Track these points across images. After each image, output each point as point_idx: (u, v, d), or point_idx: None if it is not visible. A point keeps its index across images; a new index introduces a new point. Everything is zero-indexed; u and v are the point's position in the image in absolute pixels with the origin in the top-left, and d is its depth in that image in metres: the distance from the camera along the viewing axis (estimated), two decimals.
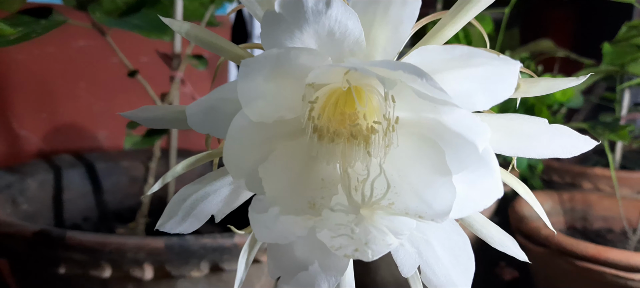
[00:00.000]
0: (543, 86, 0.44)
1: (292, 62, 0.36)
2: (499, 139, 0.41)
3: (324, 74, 0.38)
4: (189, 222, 0.43)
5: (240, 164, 0.38)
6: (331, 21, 0.36)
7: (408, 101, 0.39)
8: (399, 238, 0.37)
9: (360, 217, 0.37)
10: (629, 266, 1.11)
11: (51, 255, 0.92)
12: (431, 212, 0.37)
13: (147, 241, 0.90)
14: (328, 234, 0.37)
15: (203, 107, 0.37)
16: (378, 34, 0.40)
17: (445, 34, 0.45)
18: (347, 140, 0.40)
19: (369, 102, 0.42)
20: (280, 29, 0.36)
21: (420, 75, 0.32)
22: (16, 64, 1.46)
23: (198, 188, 0.43)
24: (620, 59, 1.30)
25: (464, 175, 0.37)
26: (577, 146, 0.40)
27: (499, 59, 0.34)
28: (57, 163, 1.39)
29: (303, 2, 0.34)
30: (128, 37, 1.24)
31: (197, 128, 0.38)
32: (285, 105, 0.40)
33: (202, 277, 0.96)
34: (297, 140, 0.42)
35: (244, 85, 0.35)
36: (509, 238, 0.46)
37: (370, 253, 0.36)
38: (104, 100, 1.61)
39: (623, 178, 1.55)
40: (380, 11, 0.38)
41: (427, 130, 0.39)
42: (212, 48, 0.43)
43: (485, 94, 0.36)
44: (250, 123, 0.37)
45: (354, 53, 0.39)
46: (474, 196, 0.37)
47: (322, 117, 0.41)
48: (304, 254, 0.40)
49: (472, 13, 0.44)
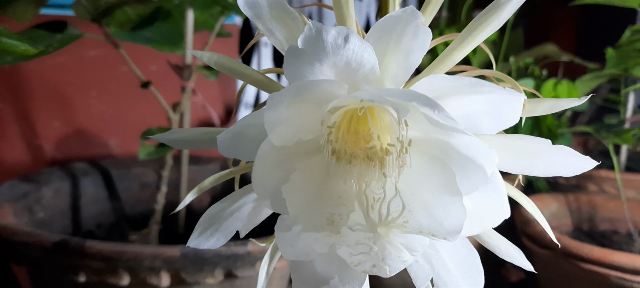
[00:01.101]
0: (546, 106, 0.46)
1: (312, 92, 0.39)
2: (505, 158, 0.44)
3: (341, 102, 0.41)
4: (216, 238, 0.46)
5: (266, 185, 0.40)
6: (348, 53, 0.38)
7: (418, 122, 0.41)
8: (414, 255, 0.40)
9: (377, 235, 0.39)
10: (634, 269, 1.13)
11: (70, 264, 0.95)
12: (443, 230, 0.39)
13: (164, 249, 0.93)
14: (347, 251, 0.40)
15: (231, 135, 0.40)
16: (390, 61, 0.42)
17: (454, 58, 0.47)
18: (363, 161, 0.43)
19: (381, 120, 0.45)
20: (302, 61, 0.38)
21: (433, 108, 0.35)
22: (29, 74, 1.49)
23: (226, 206, 0.46)
24: (623, 63, 1.32)
25: (473, 195, 0.39)
26: (578, 165, 0.42)
27: (505, 90, 0.37)
28: (71, 171, 1.42)
29: (323, 37, 0.37)
30: (138, 46, 1.27)
31: (225, 153, 0.40)
32: (304, 128, 0.42)
33: (217, 284, 0.99)
34: (314, 158, 0.44)
35: (270, 115, 0.38)
36: (515, 250, 0.49)
37: (388, 270, 0.39)
38: (115, 108, 1.64)
39: (628, 180, 1.57)
40: (394, 41, 0.40)
41: (437, 150, 0.41)
42: (234, 74, 0.46)
43: (492, 120, 0.38)
44: (273, 147, 0.40)
45: (368, 80, 0.41)
46: (482, 215, 0.40)
47: (338, 139, 0.43)
48: (325, 269, 0.43)
49: (479, 38, 0.46)
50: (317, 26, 0.36)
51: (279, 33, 0.42)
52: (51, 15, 1.44)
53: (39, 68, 1.50)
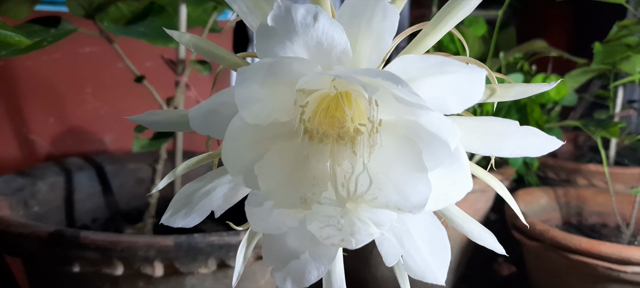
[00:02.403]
0: (517, 91, 0.48)
1: (284, 70, 0.40)
2: (474, 139, 0.45)
3: (312, 81, 0.42)
4: (191, 217, 0.48)
5: (238, 162, 0.42)
6: (319, 33, 0.40)
7: (390, 105, 0.43)
8: (381, 229, 0.41)
9: (346, 210, 0.41)
10: (620, 259, 1.15)
11: (65, 254, 0.96)
12: (409, 204, 0.41)
13: (157, 239, 0.94)
14: (317, 225, 0.41)
15: (204, 111, 0.41)
16: (363, 44, 0.44)
17: (426, 42, 0.48)
18: (335, 141, 0.44)
19: (356, 106, 0.46)
20: (273, 40, 0.40)
21: (396, 82, 0.36)
22: (25, 71, 1.50)
23: (200, 186, 0.48)
24: (611, 58, 1.33)
25: (439, 171, 0.41)
26: (545, 145, 0.44)
27: (468, 67, 0.38)
28: (66, 166, 1.43)
29: (292, 15, 0.38)
30: (133, 43, 1.29)
31: (198, 130, 0.42)
32: (278, 109, 0.44)
33: (210, 273, 1.00)
34: (290, 141, 0.46)
35: (240, 91, 0.39)
36: (487, 233, 0.50)
37: (354, 242, 0.41)
38: (110, 104, 1.66)
39: (617, 174, 1.58)
40: (364, 24, 0.42)
41: (407, 131, 0.43)
42: (212, 56, 0.48)
43: (457, 98, 0.40)
44: (246, 125, 0.41)
45: (342, 62, 0.43)
46: (447, 190, 0.41)
47: (313, 119, 0.45)
48: (296, 244, 0.44)
49: (450, 24, 0.47)
50: (286, 4, 0.38)
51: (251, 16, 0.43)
52: (45, 11, 1.46)
53: (33, 65, 1.51)
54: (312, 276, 0.45)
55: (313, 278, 0.45)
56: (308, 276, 0.45)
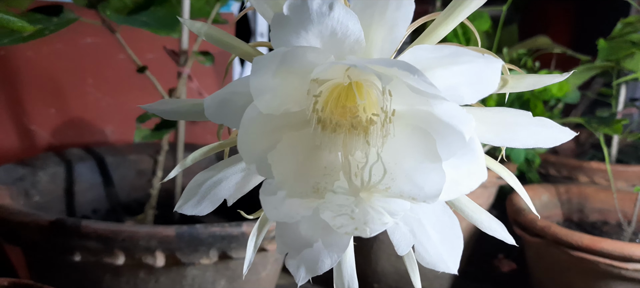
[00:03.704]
0: (529, 82, 0.48)
1: (298, 60, 0.40)
2: (487, 130, 0.45)
3: (326, 71, 0.42)
4: (203, 205, 0.48)
5: (252, 151, 0.42)
6: (334, 22, 0.40)
7: (403, 95, 0.43)
8: (394, 218, 0.41)
9: (359, 199, 0.41)
10: (621, 256, 1.15)
11: (66, 244, 0.96)
12: (423, 194, 0.41)
13: (159, 229, 0.94)
14: (330, 214, 0.41)
15: (218, 100, 0.41)
16: (376, 34, 0.43)
17: (439, 33, 0.48)
18: (348, 130, 0.44)
19: (368, 96, 0.46)
20: (288, 29, 0.40)
21: (413, 72, 0.36)
22: (26, 61, 1.50)
23: (213, 174, 0.48)
24: (614, 55, 1.33)
25: (453, 161, 0.41)
26: (557, 137, 0.44)
27: (483, 57, 0.38)
28: (67, 156, 1.43)
29: (308, 4, 0.38)
30: (135, 34, 1.28)
31: (213, 118, 0.42)
32: (291, 99, 0.44)
33: (211, 264, 1.00)
34: (302, 131, 0.46)
35: (255, 80, 0.39)
36: (497, 223, 0.50)
37: (369, 231, 0.41)
38: (111, 95, 1.65)
39: (618, 171, 1.59)
40: (378, 13, 0.42)
41: (420, 121, 0.43)
42: (224, 46, 0.47)
43: (471, 89, 0.40)
44: (260, 114, 0.41)
45: (355, 51, 0.43)
46: (461, 180, 0.41)
47: (325, 109, 0.45)
48: (309, 232, 0.44)
49: (463, 14, 0.47)
50: None
51: (266, 4, 0.43)
52: (49, 2, 1.45)
53: (35, 55, 1.50)
54: (325, 264, 0.45)
55: (326, 266, 0.45)
56: (321, 264, 0.45)
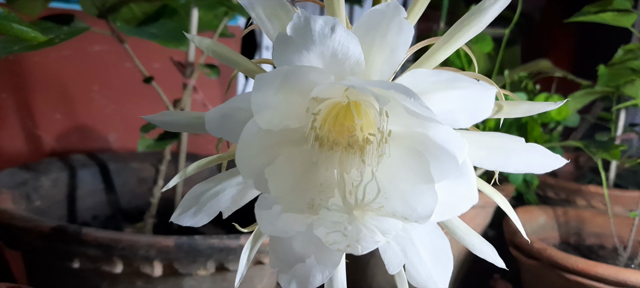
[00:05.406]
0: (523, 108, 0.49)
1: (300, 78, 0.42)
2: (480, 154, 0.46)
3: (326, 90, 0.43)
4: (200, 217, 0.49)
5: (250, 165, 0.43)
6: (335, 44, 0.41)
7: (400, 117, 0.44)
8: (386, 236, 0.42)
9: (353, 217, 0.42)
10: (616, 281, 1.15)
11: (66, 250, 0.97)
12: (416, 214, 0.42)
13: (158, 239, 0.95)
14: (324, 231, 0.43)
15: (219, 115, 0.42)
16: (376, 57, 0.45)
17: (438, 57, 0.50)
18: (345, 149, 0.46)
19: (366, 116, 0.48)
20: (291, 49, 0.41)
21: (409, 95, 0.37)
22: (33, 66, 1.52)
23: (210, 187, 0.49)
24: (615, 81, 1.34)
25: (445, 183, 0.42)
26: (549, 163, 0.45)
27: (479, 84, 0.39)
28: (70, 162, 1.44)
29: (311, 26, 0.40)
30: (142, 44, 1.30)
31: (213, 132, 0.43)
32: (291, 116, 0.45)
33: (208, 275, 1.01)
34: (300, 147, 0.47)
35: (257, 97, 0.40)
36: (488, 246, 0.51)
37: (361, 249, 0.42)
38: (116, 103, 1.67)
39: (616, 196, 1.59)
40: (379, 37, 0.43)
41: (415, 143, 0.44)
42: (228, 62, 0.49)
43: (466, 114, 0.41)
44: (259, 130, 0.42)
45: (355, 72, 0.44)
46: (453, 202, 0.42)
47: (323, 127, 0.46)
48: (302, 248, 0.45)
49: (462, 40, 0.49)
50: (305, 15, 0.39)
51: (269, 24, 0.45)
52: (58, 8, 1.48)
53: (42, 60, 1.52)
54: (316, 280, 0.46)
55: (317, 282, 0.46)
56: (312, 280, 0.46)
